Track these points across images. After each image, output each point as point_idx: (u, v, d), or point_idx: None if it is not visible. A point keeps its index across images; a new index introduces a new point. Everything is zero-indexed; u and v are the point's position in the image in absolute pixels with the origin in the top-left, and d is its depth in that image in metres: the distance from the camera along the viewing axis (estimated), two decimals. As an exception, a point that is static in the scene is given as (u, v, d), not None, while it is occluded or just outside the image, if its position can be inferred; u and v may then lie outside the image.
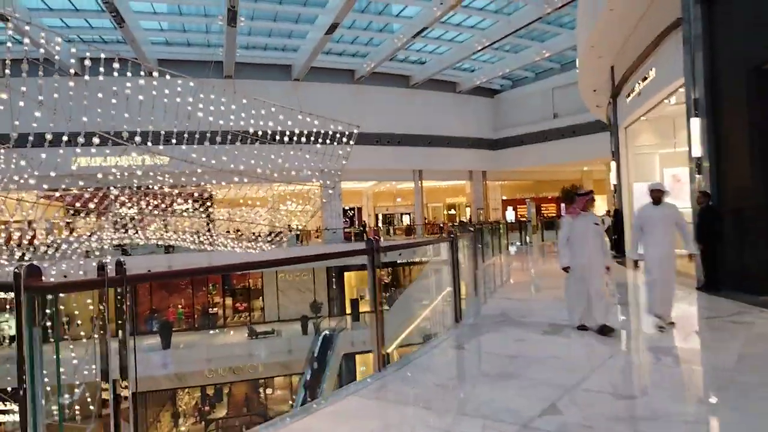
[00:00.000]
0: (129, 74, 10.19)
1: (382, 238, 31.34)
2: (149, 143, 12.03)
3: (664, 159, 12.90)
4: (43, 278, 2.34)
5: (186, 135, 13.83)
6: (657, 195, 6.12)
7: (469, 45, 27.62)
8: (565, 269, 5.81)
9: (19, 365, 2.25)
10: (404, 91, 32.82)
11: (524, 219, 36.24)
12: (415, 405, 3.58)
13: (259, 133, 14.70)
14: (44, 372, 2.33)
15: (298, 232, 27.02)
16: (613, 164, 13.18)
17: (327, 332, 26.00)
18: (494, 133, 36.62)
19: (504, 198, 40.51)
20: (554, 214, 37.86)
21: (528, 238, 20.15)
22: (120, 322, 2.57)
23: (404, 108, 32.35)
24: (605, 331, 5.30)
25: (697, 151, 7.38)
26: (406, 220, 40.36)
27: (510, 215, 38.50)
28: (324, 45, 25.13)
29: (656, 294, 5.74)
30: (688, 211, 12.54)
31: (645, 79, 10.09)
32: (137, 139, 11.82)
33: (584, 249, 5.68)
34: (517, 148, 35.38)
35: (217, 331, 27.73)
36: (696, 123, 7.43)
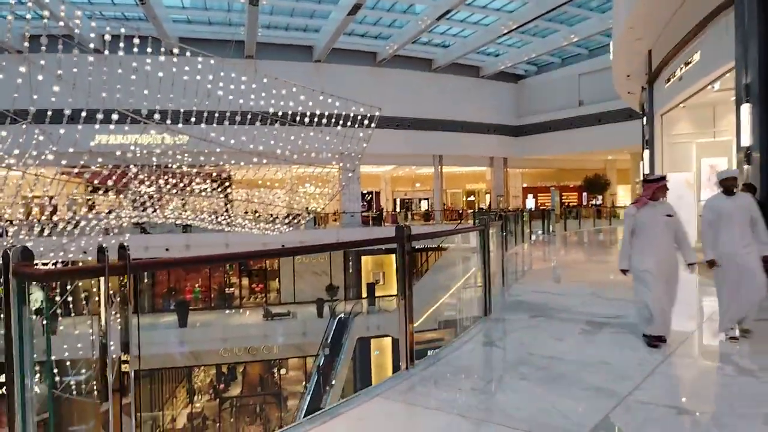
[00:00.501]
0: (149, 51, 9.98)
1: (400, 223, 31.16)
2: (168, 122, 11.86)
3: (701, 148, 12.33)
4: (37, 263, 2.12)
5: (206, 114, 13.64)
6: (731, 183, 5.06)
7: (495, 28, 26.92)
8: (624, 271, 4.96)
9: (7, 355, 2.06)
10: (426, 75, 32.24)
11: (545, 207, 35.71)
12: (449, 411, 3.30)
13: (279, 113, 14.45)
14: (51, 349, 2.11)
15: (315, 215, 26.83)
16: (647, 153, 12.67)
17: (342, 316, 25.95)
18: (517, 120, 35.93)
19: (525, 186, 39.89)
20: (576, 203, 37.23)
21: (551, 227, 19.68)
22: (124, 309, 2.34)
23: (426, 92, 31.80)
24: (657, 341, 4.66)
25: (747, 140, 6.90)
26: (424, 205, 39.98)
27: (530, 203, 37.90)
28: (346, 26, 24.66)
29: (734, 302, 4.77)
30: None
31: (688, 63, 9.54)
32: (156, 117, 11.65)
33: (653, 246, 4.75)
34: (539, 135, 34.70)
35: (233, 311, 27.87)
36: (746, 109, 6.92)
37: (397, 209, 39.07)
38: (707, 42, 8.55)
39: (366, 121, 16.17)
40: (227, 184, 18.94)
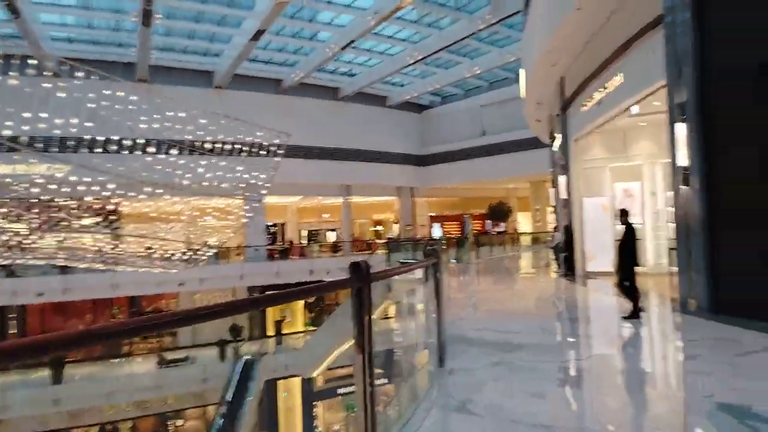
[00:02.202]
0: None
1: (308, 255, 29.93)
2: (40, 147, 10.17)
3: (615, 173, 12.63)
4: None
5: (86, 139, 11.98)
6: None
7: (400, 58, 27.09)
8: None
9: None
10: (333, 104, 31.76)
11: (451, 236, 36.07)
12: None
13: (177, 140, 13.07)
14: None
15: (216, 250, 24.95)
16: (563, 178, 12.75)
17: (248, 357, 24.05)
18: (423, 149, 36.35)
19: (431, 214, 40.25)
20: (480, 230, 38.01)
21: (466, 256, 19.55)
22: None
23: (333, 121, 31.25)
24: None
25: (683, 160, 6.81)
26: (331, 236, 38.99)
27: (437, 232, 38.19)
28: (249, 51, 23.57)
29: None
30: (640, 228, 12.39)
31: (605, 88, 9.63)
32: (23, 140, 9.91)
33: None
34: (445, 165, 35.27)
35: (121, 360, 24.91)
36: (682, 129, 6.86)
37: (304, 241, 37.75)
38: (631, 63, 8.59)
39: (273, 149, 15.14)
40: (114, 218, 16.96)
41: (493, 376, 4.48)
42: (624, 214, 7.47)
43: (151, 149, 13.51)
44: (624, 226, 7.39)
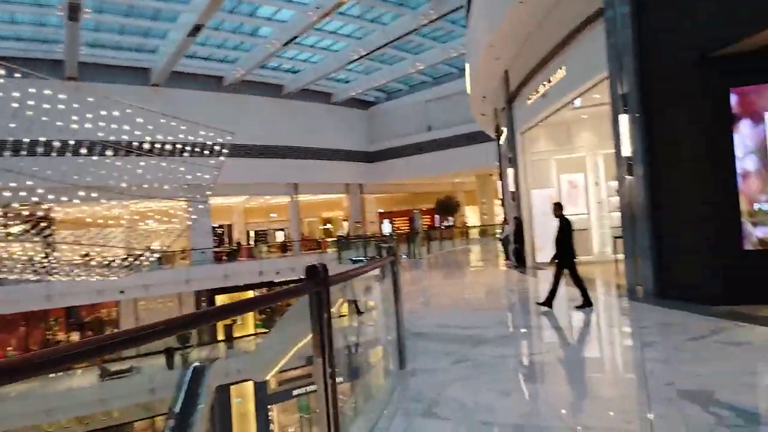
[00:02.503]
0: None
1: (256, 256, 29.24)
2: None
3: (560, 165, 12.89)
4: None
5: (11, 142, 11.18)
6: None
7: (345, 54, 26.83)
8: None
9: None
10: (277, 101, 31.15)
11: (401, 231, 36.17)
12: None
13: (112, 140, 12.38)
14: None
15: (160, 255, 23.98)
16: (511, 171, 12.92)
17: (197, 364, 23.25)
18: (370, 146, 36.26)
19: (380, 211, 40.23)
20: (430, 225, 38.32)
21: (417, 251, 19.56)
22: None
23: (277, 118, 30.67)
24: None
25: (627, 150, 6.96)
26: (280, 236, 38.32)
27: (387, 228, 38.23)
28: (187, 47, 22.72)
29: None
30: (585, 218, 12.75)
31: (549, 81, 9.77)
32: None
33: None
34: (392, 161, 35.31)
35: (60, 374, 23.57)
36: (625, 120, 6.99)
37: (252, 242, 36.92)
38: (573, 56, 8.74)
39: (217, 148, 14.62)
40: (45, 225, 15.92)
41: (456, 376, 4.31)
42: (558, 207, 7.52)
43: (83, 150, 12.73)
44: (558, 219, 7.46)
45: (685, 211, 6.34)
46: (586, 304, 6.93)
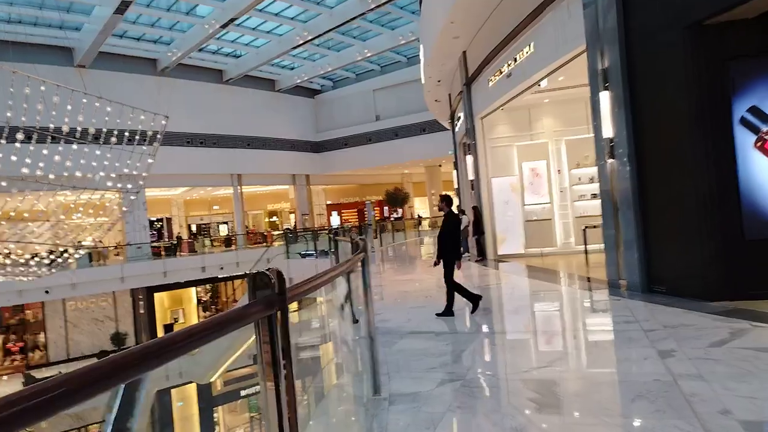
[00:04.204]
0: None
1: (198, 251, 27.67)
2: None
3: (521, 151, 12.39)
4: None
5: None
6: None
7: (289, 38, 25.58)
8: None
9: None
10: (218, 87, 29.54)
11: (349, 224, 35.34)
12: None
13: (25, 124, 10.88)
14: None
15: (90, 251, 22.14)
16: (470, 158, 12.32)
17: (134, 368, 21.67)
18: (316, 135, 35.17)
19: (329, 203, 39.22)
20: (378, 217, 37.68)
21: (370, 244, 18.80)
22: None
23: (219, 106, 29.08)
24: None
25: (609, 131, 6.41)
26: (224, 229, 36.65)
27: (335, 220, 37.28)
28: (114, 25, 20.89)
29: None
30: (548, 207, 12.32)
31: (515, 59, 9.16)
32: None
33: None
34: (339, 151, 34.41)
35: (-25, 384, 21.48)
36: (606, 97, 6.40)
37: (194, 236, 35.10)
38: (543, 31, 8.13)
39: (150, 133, 13.28)
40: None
41: (447, 404, 3.41)
42: (445, 201, 6.85)
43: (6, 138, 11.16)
44: (446, 215, 6.85)
45: (677, 197, 5.81)
46: (447, 313, 6.40)
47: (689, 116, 5.54)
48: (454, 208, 7.41)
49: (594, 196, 11.68)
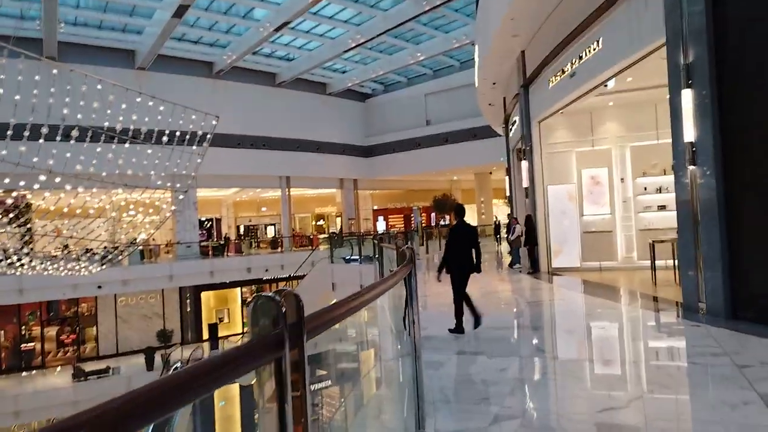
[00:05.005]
0: None
1: (245, 252, 27.91)
2: None
3: (581, 158, 11.63)
4: None
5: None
6: None
7: (341, 42, 25.49)
8: None
9: None
10: (270, 90, 29.79)
11: (396, 229, 34.95)
12: None
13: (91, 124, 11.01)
14: None
15: (142, 248, 22.62)
16: (525, 164, 11.65)
17: (179, 365, 21.97)
18: (366, 140, 34.98)
19: (375, 208, 38.95)
20: (425, 223, 37.15)
21: (415, 251, 18.26)
22: None
23: (270, 108, 29.31)
24: None
25: (690, 134, 5.76)
26: (271, 231, 36.98)
27: (381, 226, 36.97)
28: (173, 29, 21.30)
29: None
30: (609, 218, 11.50)
31: (581, 57, 8.52)
32: None
33: None
34: (389, 156, 34.05)
35: (31, 372, 22.22)
36: (689, 96, 5.72)
37: (242, 237, 35.56)
38: (614, 25, 7.46)
39: (201, 132, 13.29)
40: (24, 213, 14.60)
41: None
42: (455, 211, 6.99)
43: (59, 136, 11.37)
44: (460, 225, 6.76)
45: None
46: (458, 330, 6.15)
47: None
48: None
49: (661, 207, 10.82)
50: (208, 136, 13.26)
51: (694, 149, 5.66)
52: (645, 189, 11.10)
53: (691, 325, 5.57)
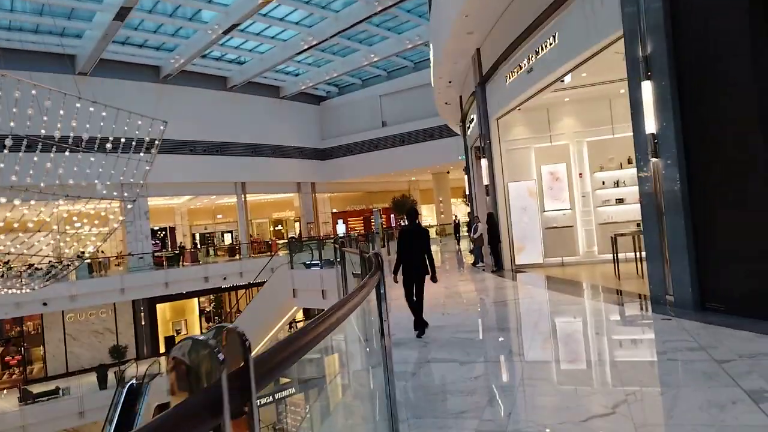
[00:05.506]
0: None
1: (201, 261, 27.01)
2: None
3: (540, 154, 11.63)
4: None
5: None
6: None
7: (294, 44, 25.01)
8: None
9: None
10: (223, 95, 29.00)
11: (356, 232, 34.67)
12: None
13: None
14: None
15: (90, 261, 21.56)
16: (484, 162, 11.59)
17: (134, 382, 21.03)
18: (322, 143, 34.57)
19: (334, 211, 38.53)
20: (386, 225, 36.98)
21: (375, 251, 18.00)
22: None
23: (223, 113, 28.52)
24: None
25: (652, 126, 5.72)
26: (228, 238, 36.04)
27: (341, 228, 36.57)
28: (115, 32, 20.37)
29: None
30: (569, 213, 11.53)
31: (537, 53, 8.46)
32: None
33: None
34: (345, 158, 33.75)
35: (-27, 398, 20.86)
36: (648, 88, 5.69)
37: (197, 245, 34.49)
38: (570, 20, 7.41)
39: (148, 139, 12.69)
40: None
41: None
42: (407, 214, 7.04)
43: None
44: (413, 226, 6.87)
45: (740, 198, 5.01)
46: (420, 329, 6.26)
47: (752, 102, 4.76)
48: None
49: (619, 201, 10.94)
50: (156, 142, 12.67)
51: (656, 141, 5.64)
52: (603, 183, 11.23)
53: (662, 318, 5.52)
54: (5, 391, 21.67)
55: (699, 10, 5.28)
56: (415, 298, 6.37)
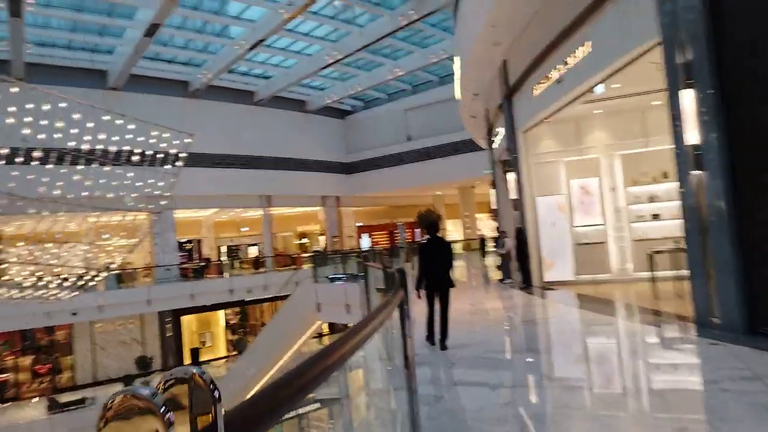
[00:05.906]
0: None
1: (226, 274, 27.14)
2: None
3: (569, 168, 11.29)
4: None
5: None
6: None
7: (319, 59, 25.18)
8: None
9: None
10: (249, 108, 29.31)
11: (380, 246, 34.49)
12: None
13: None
14: None
15: (119, 272, 21.82)
16: (511, 176, 11.31)
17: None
18: (347, 156, 34.62)
19: (359, 224, 38.45)
20: (410, 239, 36.74)
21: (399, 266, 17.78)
22: None
23: (249, 127, 28.81)
24: None
25: (694, 137, 5.39)
26: (253, 251, 36.23)
27: (365, 242, 36.46)
28: (145, 48, 20.77)
29: None
30: (602, 229, 11.10)
31: (566, 63, 8.20)
32: None
33: None
34: (371, 172, 33.71)
35: (6, 404, 21.20)
36: (689, 96, 5.34)
37: (223, 258, 34.73)
38: (603, 26, 7.12)
39: (174, 151, 12.78)
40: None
41: None
42: (426, 226, 6.67)
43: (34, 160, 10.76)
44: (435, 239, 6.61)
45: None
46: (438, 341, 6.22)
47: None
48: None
49: (655, 216, 10.51)
50: (182, 155, 12.76)
51: (698, 152, 5.31)
52: (637, 198, 10.82)
53: (709, 343, 5.11)
54: (35, 399, 21.98)
55: (741, 11, 4.97)
56: (440, 315, 6.15)
